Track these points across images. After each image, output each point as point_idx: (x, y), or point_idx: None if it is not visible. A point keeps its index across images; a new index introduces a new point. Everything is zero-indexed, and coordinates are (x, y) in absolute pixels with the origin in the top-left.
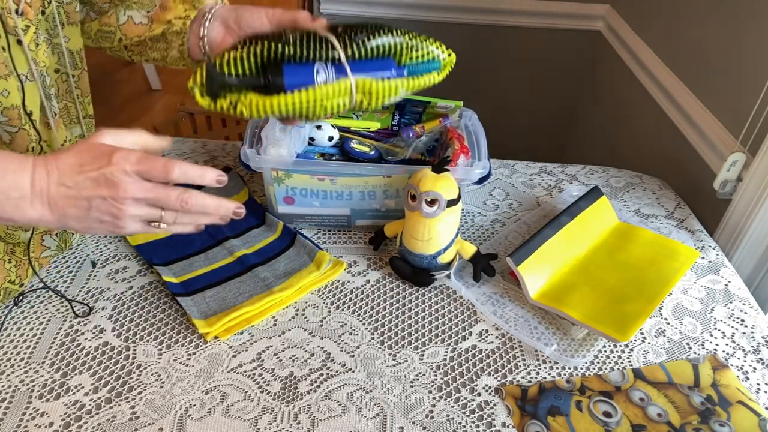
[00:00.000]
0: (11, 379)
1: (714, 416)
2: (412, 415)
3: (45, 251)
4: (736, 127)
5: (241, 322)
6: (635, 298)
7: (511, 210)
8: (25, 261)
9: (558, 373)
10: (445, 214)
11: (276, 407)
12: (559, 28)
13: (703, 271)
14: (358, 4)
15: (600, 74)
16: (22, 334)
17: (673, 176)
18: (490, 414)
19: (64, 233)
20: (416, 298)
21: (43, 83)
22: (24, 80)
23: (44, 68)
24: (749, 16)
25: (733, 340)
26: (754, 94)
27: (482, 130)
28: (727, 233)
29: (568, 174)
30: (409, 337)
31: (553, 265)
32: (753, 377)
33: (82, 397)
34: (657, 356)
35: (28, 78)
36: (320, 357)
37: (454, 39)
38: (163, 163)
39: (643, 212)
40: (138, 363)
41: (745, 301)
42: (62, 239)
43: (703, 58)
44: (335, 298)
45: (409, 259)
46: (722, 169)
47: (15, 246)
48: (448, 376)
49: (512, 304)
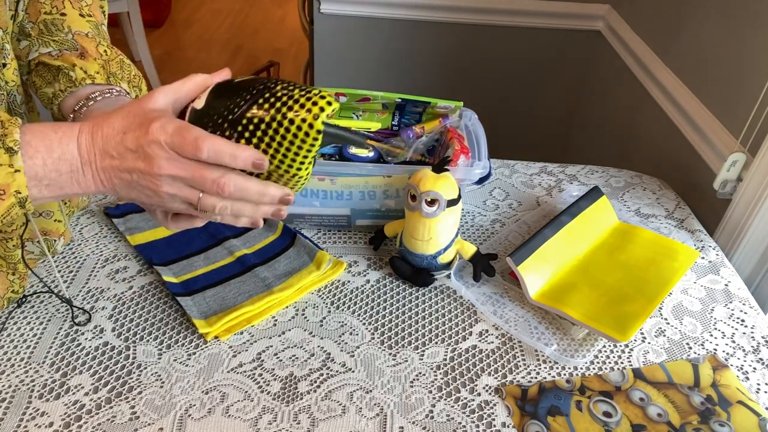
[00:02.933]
0: (11, 379)
1: (714, 416)
2: (412, 415)
3: (28, 255)
4: (736, 127)
5: (241, 322)
6: (635, 298)
7: (511, 210)
8: (27, 273)
9: (558, 373)
10: (445, 214)
11: (276, 407)
12: (559, 28)
13: (703, 271)
14: (358, 4)
15: (600, 74)
16: (23, 334)
17: (673, 176)
18: (490, 414)
19: (45, 240)
20: (416, 298)
21: (13, 103)
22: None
23: (14, 87)
24: (749, 16)
25: (733, 340)
26: (754, 94)
27: (482, 130)
28: (727, 233)
29: (568, 174)
30: (409, 337)
31: (553, 265)
32: (753, 377)
33: (82, 397)
34: (657, 356)
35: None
36: (320, 357)
37: (454, 39)
38: (194, 137)
39: (643, 212)
40: (138, 363)
41: (745, 301)
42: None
43: (703, 58)
44: (335, 298)
45: (409, 259)
46: (722, 169)
47: (17, 264)
48: (448, 376)
49: (512, 304)
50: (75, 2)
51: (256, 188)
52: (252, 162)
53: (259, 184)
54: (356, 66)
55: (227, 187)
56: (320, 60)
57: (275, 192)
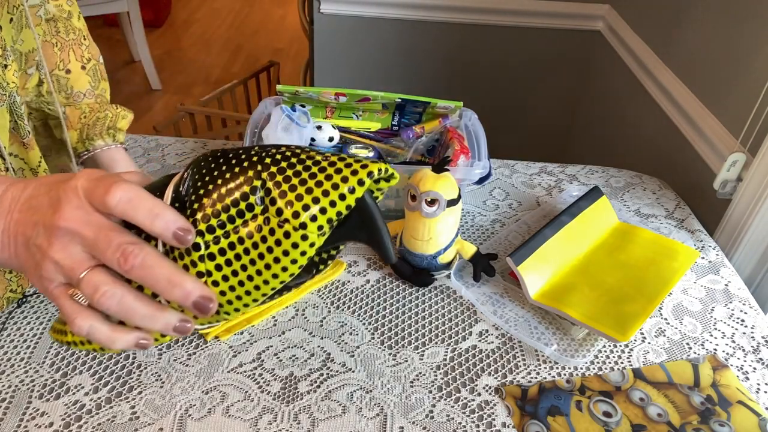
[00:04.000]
0: (11, 379)
1: (714, 416)
2: (412, 415)
3: None
4: (736, 127)
5: (241, 322)
6: (635, 298)
7: (511, 210)
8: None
9: (558, 373)
10: (445, 214)
11: (276, 407)
12: (559, 28)
13: (703, 271)
14: (358, 4)
15: (600, 74)
16: (22, 334)
17: (673, 176)
18: (490, 414)
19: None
20: (416, 298)
21: (14, 104)
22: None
23: (14, 88)
24: (749, 16)
25: (733, 340)
26: (754, 94)
27: (482, 130)
28: (727, 233)
29: (568, 174)
30: (409, 337)
31: (553, 265)
32: (753, 377)
33: (82, 397)
34: (657, 356)
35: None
36: (320, 357)
37: (454, 39)
38: (110, 180)
39: (643, 212)
40: (138, 363)
41: (745, 301)
42: None
43: (703, 58)
44: (335, 298)
45: (409, 259)
46: (722, 169)
47: None
48: (448, 376)
49: (512, 304)
50: (77, 48)
51: (169, 270)
52: (175, 230)
53: (174, 267)
54: (356, 66)
55: (133, 257)
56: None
57: (192, 287)
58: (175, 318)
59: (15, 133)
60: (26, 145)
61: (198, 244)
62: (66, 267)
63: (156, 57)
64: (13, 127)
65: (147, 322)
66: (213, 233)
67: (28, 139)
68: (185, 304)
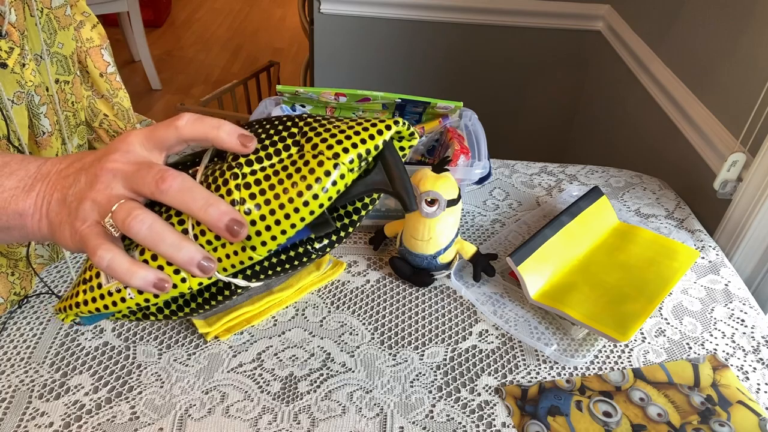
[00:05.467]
0: (11, 379)
1: (714, 416)
2: (412, 415)
3: (38, 259)
4: (736, 127)
5: (241, 322)
6: (635, 298)
7: (511, 210)
8: (28, 273)
9: (558, 373)
10: (445, 214)
11: (276, 407)
12: (559, 28)
13: (703, 271)
14: (358, 4)
15: (600, 74)
16: (22, 334)
17: (673, 176)
18: (490, 414)
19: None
20: (416, 298)
21: (31, 103)
22: (10, 106)
23: (31, 87)
24: (749, 16)
25: (733, 340)
26: (754, 94)
27: (482, 130)
28: (727, 233)
29: (568, 174)
30: (409, 337)
31: (553, 265)
32: (753, 377)
33: (82, 397)
34: (657, 356)
35: (15, 102)
36: (320, 357)
37: (454, 39)
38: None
39: (643, 212)
40: (138, 363)
41: (745, 301)
42: (53, 249)
43: (703, 57)
44: (335, 298)
45: (409, 259)
46: (722, 169)
47: (18, 261)
48: (448, 376)
49: (512, 304)
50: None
51: (206, 192)
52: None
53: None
54: (356, 66)
55: (172, 178)
56: (320, 60)
57: (227, 208)
58: (200, 254)
59: (30, 131)
60: (40, 144)
61: (236, 174)
62: (103, 202)
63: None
64: (29, 125)
65: (173, 251)
66: (251, 166)
67: (41, 138)
68: (219, 225)
